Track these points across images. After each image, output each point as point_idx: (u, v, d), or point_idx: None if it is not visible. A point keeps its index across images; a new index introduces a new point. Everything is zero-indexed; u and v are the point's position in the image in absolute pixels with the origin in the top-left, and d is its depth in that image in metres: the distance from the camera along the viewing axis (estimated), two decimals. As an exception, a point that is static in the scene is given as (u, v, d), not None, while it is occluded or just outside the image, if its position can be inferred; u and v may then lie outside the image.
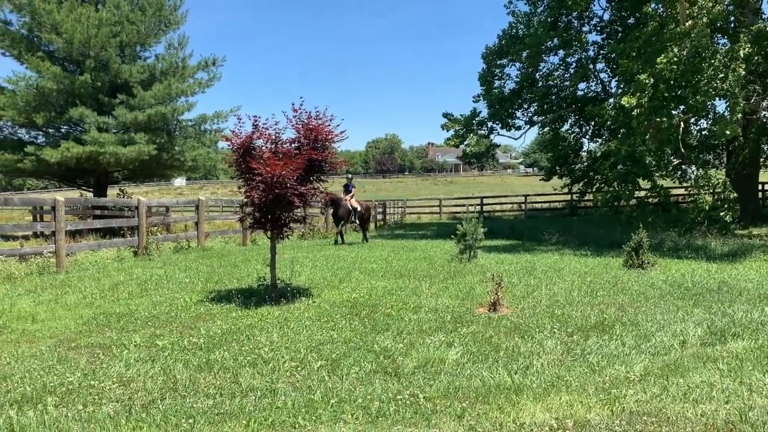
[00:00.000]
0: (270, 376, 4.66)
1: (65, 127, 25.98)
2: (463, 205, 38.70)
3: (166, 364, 4.95)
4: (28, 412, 3.87)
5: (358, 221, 19.65)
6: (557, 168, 29.43)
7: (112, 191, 29.98)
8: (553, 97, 27.12)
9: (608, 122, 22.43)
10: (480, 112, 27.22)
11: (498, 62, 27.53)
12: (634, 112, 16.65)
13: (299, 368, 4.84)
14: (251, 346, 5.51)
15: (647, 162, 17.17)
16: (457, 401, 4.03)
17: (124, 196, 26.09)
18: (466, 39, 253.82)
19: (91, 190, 28.10)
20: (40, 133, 26.42)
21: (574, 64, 26.62)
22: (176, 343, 5.67)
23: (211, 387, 4.42)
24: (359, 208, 19.43)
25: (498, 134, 28.24)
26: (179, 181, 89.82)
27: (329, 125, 7.86)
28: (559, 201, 36.17)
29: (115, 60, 24.31)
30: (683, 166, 22.00)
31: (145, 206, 14.43)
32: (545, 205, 38.56)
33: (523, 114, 28.41)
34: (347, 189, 19.40)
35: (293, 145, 7.85)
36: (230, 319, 6.72)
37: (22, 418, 3.77)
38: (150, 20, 26.00)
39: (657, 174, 18.72)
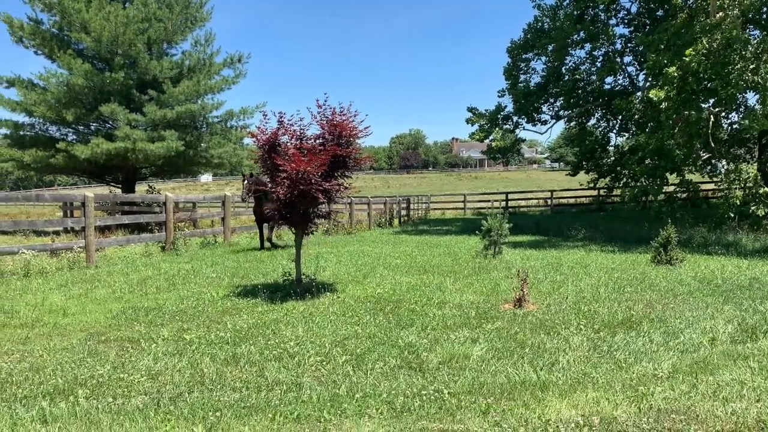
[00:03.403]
0: (295, 370, 4.70)
1: (95, 123, 26.46)
2: (488, 201, 38.49)
3: (194, 358, 5.02)
4: (60, 404, 3.96)
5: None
6: (584, 163, 29.11)
7: (140, 187, 30.47)
8: (580, 91, 26.77)
9: (636, 116, 22.12)
10: (505, 106, 27.02)
11: (523, 56, 27.30)
12: (663, 106, 16.39)
13: (324, 362, 4.87)
14: (277, 341, 5.55)
15: (676, 156, 16.89)
16: (482, 397, 4.02)
17: (152, 192, 26.48)
18: (491, 33, 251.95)
19: (120, 186, 28.58)
20: (71, 129, 26.93)
21: (601, 58, 26.27)
22: (203, 337, 5.75)
23: (238, 380, 4.47)
24: None
25: (523, 129, 28.01)
26: (206, 178, 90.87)
27: (353, 121, 7.87)
28: (585, 196, 35.81)
29: (144, 57, 24.64)
30: (713, 161, 21.62)
31: (173, 202, 14.61)
32: (571, 201, 38.20)
33: (549, 108, 28.12)
34: None
35: (318, 141, 7.88)
36: (256, 314, 6.78)
37: (55, 409, 3.85)
38: (176, 17, 26.30)
39: (686, 168, 18.41)
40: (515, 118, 27.29)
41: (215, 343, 5.51)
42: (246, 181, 13.43)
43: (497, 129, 26.72)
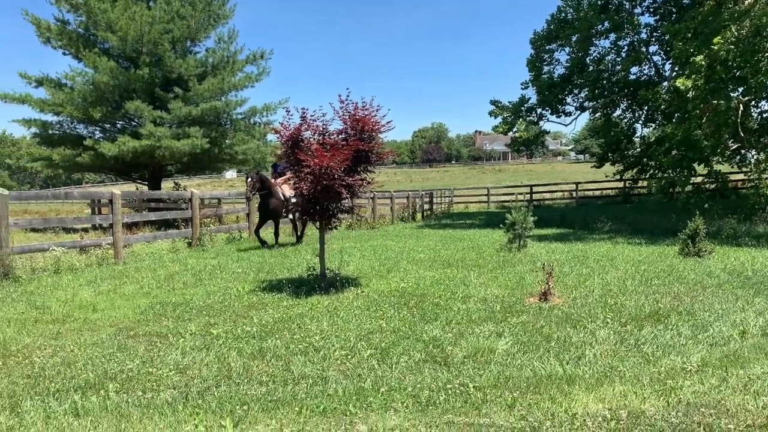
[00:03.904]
0: (321, 364, 4.73)
1: (121, 122, 26.83)
2: (512, 194, 38.35)
3: (221, 352, 5.08)
4: (91, 397, 4.04)
5: (291, 217, 14.54)
6: (609, 154, 28.80)
7: (166, 184, 30.83)
8: (605, 81, 26.44)
9: (662, 106, 21.77)
10: (529, 98, 26.81)
11: (547, 47, 27.03)
12: (690, 95, 16.10)
13: (349, 356, 4.90)
14: (302, 335, 5.60)
15: (704, 146, 16.62)
16: (508, 391, 4.01)
17: (178, 189, 26.78)
18: (513, 25, 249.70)
19: (146, 183, 28.95)
20: (97, 128, 27.35)
21: (626, 48, 25.91)
22: (230, 331, 5.81)
23: (264, 374, 4.51)
24: (295, 199, 15.28)
25: (547, 120, 27.79)
26: (230, 174, 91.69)
27: (375, 116, 7.87)
28: (611, 188, 35.42)
29: (169, 55, 24.92)
30: (742, 150, 21.17)
31: (198, 198, 14.78)
32: (597, 193, 37.82)
33: (573, 99, 27.84)
34: (276, 169, 14.79)
35: (340, 136, 7.90)
36: (281, 308, 6.83)
37: (86, 402, 3.93)
38: (199, 14, 26.52)
39: (714, 159, 18.08)
40: (539, 110, 27.07)
41: (242, 338, 5.56)
42: (250, 179, 13.12)
43: (521, 121, 26.54)
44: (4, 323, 6.35)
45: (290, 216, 14.16)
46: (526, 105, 26.61)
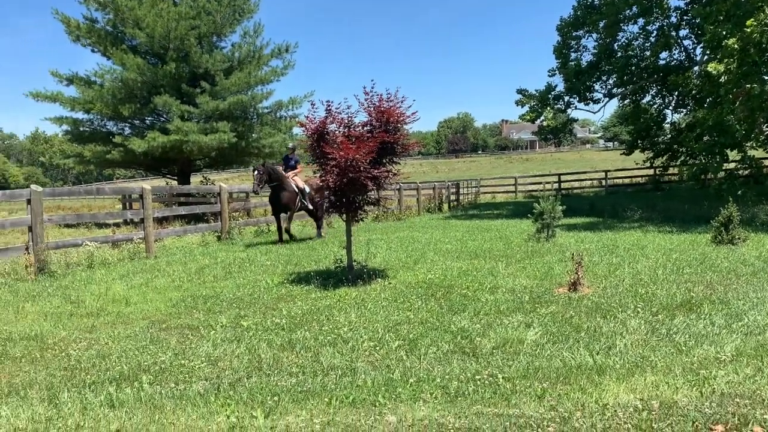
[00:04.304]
0: (349, 355, 4.76)
1: (150, 118, 27.23)
2: (540, 183, 37.98)
3: (251, 344, 5.14)
4: (125, 389, 4.12)
5: (310, 207, 14.07)
6: (639, 141, 28.35)
7: (195, 179, 31.21)
8: (633, 67, 25.95)
9: (693, 91, 21.35)
10: (556, 86, 26.50)
11: (574, 34, 26.66)
12: (722, 80, 15.74)
13: (377, 348, 4.92)
14: (331, 326, 5.63)
15: (736, 132, 16.22)
16: (537, 382, 3.99)
17: (207, 183, 27.11)
18: (540, 12, 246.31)
19: (176, 178, 29.36)
20: (127, 124, 27.81)
21: (655, 32, 25.38)
22: (260, 323, 5.88)
23: (294, 366, 4.56)
24: (308, 189, 13.86)
25: (575, 108, 27.45)
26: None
27: (400, 107, 7.85)
28: (641, 176, 34.87)
29: (196, 50, 25.17)
30: (777, 135, 20.67)
31: (227, 192, 14.93)
32: (626, 181, 37.30)
33: (601, 86, 27.43)
34: (287, 162, 14.50)
35: (365, 128, 7.91)
36: (310, 300, 6.89)
37: (121, 394, 4.02)
38: (225, 10, 26.73)
39: (747, 144, 17.68)
40: (566, 98, 26.75)
41: (271, 330, 5.62)
42: (257, 172, 12.65)
43: (548, 109, 26.25)
44: (40, 317, 6.52)
45: (309, 206, 13.93)
46: (553, 93, 26.30)
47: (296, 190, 13.40)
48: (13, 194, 10.81)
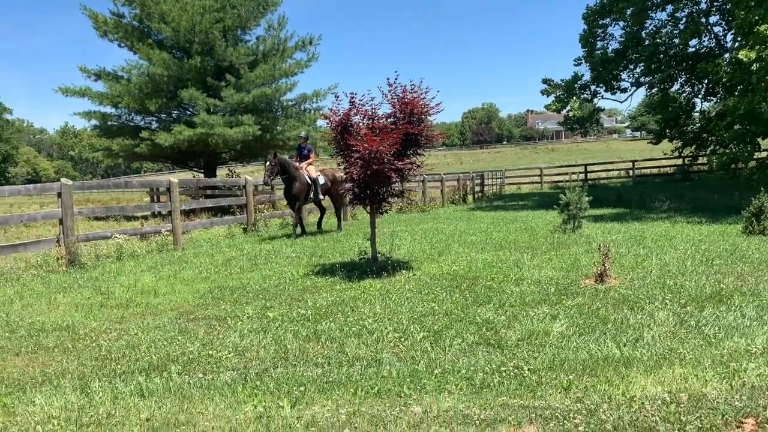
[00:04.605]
0: (374, 346, 4.78)
1: (176, 111, 27.56)
2: (566, 174, 37.58)
3: (277, 335, 5.19)
4: (154, 379, 4.20)
5: (323, 198, 13.82)
6: (667, 131, 27.90)
7: (221, 172, 31.48)
8: (661, 55, 25.49)
9: (723, 79, 20.94)
10: (582, 75, 26.16)
11: (600, 22, 26.24)
12: (754, 67, 15.40)
13: (402, 339, 4.93)
14: (355, 318, 5.66)
15: (768, 120, 15.87)
16: (563, 373, 3.97)
17: (232, 176, 27.34)
18: (565, 0, 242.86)
19: (202, 171, 29.68)
20: (154, 118, 28.16)
21: (684, 19, 24.89)
22: (285, 314, 5.93)
23: (319, 356, 4.59)
24: (324, 182, 13.56)
25: (602, 98, 27.07)
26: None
27: (424, 98, 7.82)
28: (669, 166, 34.35)
29: (220, 44, 25.35)
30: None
31: (252, 185, 15.05)
32: (654, 171, 36.77)
33: (628, 75, 27.00)
34: (300, 151, 14.04)
35: (389, 120, 7.89)
36: (335, 292, 6.92)
37: (150, 384, 4.09)
38: (249, 3, 26.86)
39: (780, 133, 17.28)
40: (593, 87, 26.39)
41: (297, 321, 5.67)
42: (268, 163, 12.47)
43: (574, 99, 25.93)
44: (72, 308, 6.66)
45: (320, 198, 13.63)
46: (579, 82, 25.97)
47: (308, 181, 13.09)
48: (44, 188, 11.03)
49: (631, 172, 36.39)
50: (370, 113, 7.88)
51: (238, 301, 6.71)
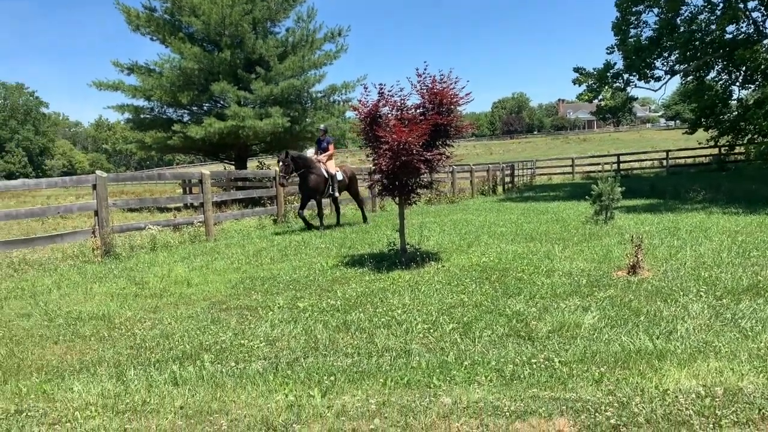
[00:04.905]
0: (404, 337, 4.79)
1: (207, 104, 27.86)
2: (598, 164, 37.12)
3: (307, 325, 5.24)
4: (188, 368, 4.27)
5: (338, 194, 13.54)
6: (703, 119, 27.32)
7: (251, 164, 31.78)
8: (697, 42, 24.90)
9: (762, 66, 20.35)
10: (614, 63, 25.73)
11: (633, 9, 25.73)
12: (795, 53, 14.94)
13: (431, 330, 4.93)
14: (385, 309, 5.68)
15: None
16: (595, 366, 3.93)
17: (262, 168, 27.59)
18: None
19: (233, 163, 29.99)
20: (186, 111, 28.52)
21: (721, 5, 24.24)
22: (315, 305, 5.97)
23: (349, 346, 4.62)
24: (342, 178, 13.50)
25: (635, 86, 26.61)
26: (311, 152, 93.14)
27: (454, 88, 7.77)
28: (704, 155, 33.60)
29: (250, 37, 25.52)
30: None
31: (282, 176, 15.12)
32: (689, 161, 35.99)
33: (662, 63, 26.45)
34: (319, 144, 13.90)
35: (418, 110, 7.86)
36: (364, 283, 6.95)
37: (184, 372, 4.17)
38: (279, -5, 26.93)
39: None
40: (626, 76, 25.94)
41: (327, 311, 5.71)
42: (281, 163, 12.13)
43: (606, 88, 25.56)
44: (107, 298, 6.81)
45: (336, 194, 13.33)
46: (611, 71, 25.56)
47: (325, 175, 12.83)
48: (79, 180, 11.27)
49: (664, 162, 35.71)
50: (398, 104, 7.85)
51: (268, 291, 6.78)
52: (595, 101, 27.00)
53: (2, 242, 9.89)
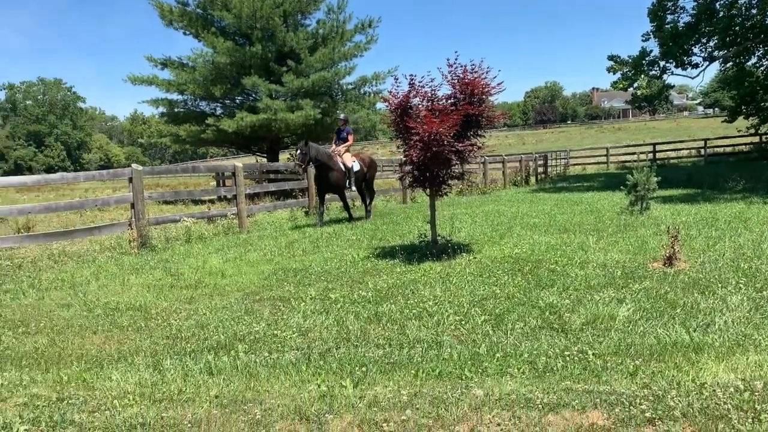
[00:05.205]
0: (435, 328, 4.79)
1: (239, 97, 28.09)
2: (633, 153, 36.34)
3: (339, 316, 5.27)
4: (223, 357, 4.34)
5: (356, 189, 13.28)
6: (743, 107, 26.63)
7: (283, 156, 32.00)
8: (737, 27, 24.19)
9: (806, 51, 19.66)
10: (650, 51, 25.18)
11: (670, -6, 25.11)
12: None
13: (463, 322, 4.92)
14: (416, 300, 5.68)
15: None
16: (629, 359, 3.87)
17: (294, 160, 27.76)
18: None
19: (265, 155, 30.22)
20: (218, 104, 28.82)
21: (764, -13, 23.49)
22: (347, 296, 6.01)
23: (381, 338, 4.64)
24: (360, 167, 13.12)
25: (672, 74, 26.00)
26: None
27: (485, 78, 7.69)
28: (745, 144, 32.72)
29: (281, 29, 25.63)
30: None
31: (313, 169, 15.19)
32: (728, 150, 35.09)
33: (700, 50, 25.77)
34: (339, 134, 13.54)
35: (449, 101, 7.81)
36: (395, 274, 6.96)
37: (218, 362, 4.24)
38: (309, -13, 26.95)
39: None
40: (662, 63, 25.36)
41: (358, 302, 5.74)
42: (300, 151, 11.87)
43: (642, 76, 25.02)
44: (144, 289, 6.95)
45: (353, 188, 13.05)
46: (647, 58, 25.01)
47: (343, 168, 12.54)
48: (116, 173, 11.49)
49: (702, 151, 34.90)
50: (429, 95, 7.81)
51: (301, 282, 6.84)
52: (630, 89, 26.45)
53: (43, 234, 10.17)
